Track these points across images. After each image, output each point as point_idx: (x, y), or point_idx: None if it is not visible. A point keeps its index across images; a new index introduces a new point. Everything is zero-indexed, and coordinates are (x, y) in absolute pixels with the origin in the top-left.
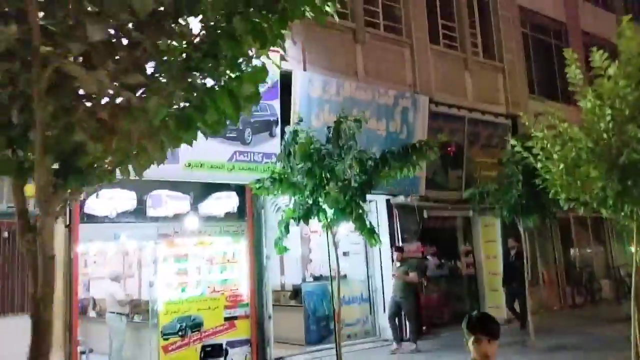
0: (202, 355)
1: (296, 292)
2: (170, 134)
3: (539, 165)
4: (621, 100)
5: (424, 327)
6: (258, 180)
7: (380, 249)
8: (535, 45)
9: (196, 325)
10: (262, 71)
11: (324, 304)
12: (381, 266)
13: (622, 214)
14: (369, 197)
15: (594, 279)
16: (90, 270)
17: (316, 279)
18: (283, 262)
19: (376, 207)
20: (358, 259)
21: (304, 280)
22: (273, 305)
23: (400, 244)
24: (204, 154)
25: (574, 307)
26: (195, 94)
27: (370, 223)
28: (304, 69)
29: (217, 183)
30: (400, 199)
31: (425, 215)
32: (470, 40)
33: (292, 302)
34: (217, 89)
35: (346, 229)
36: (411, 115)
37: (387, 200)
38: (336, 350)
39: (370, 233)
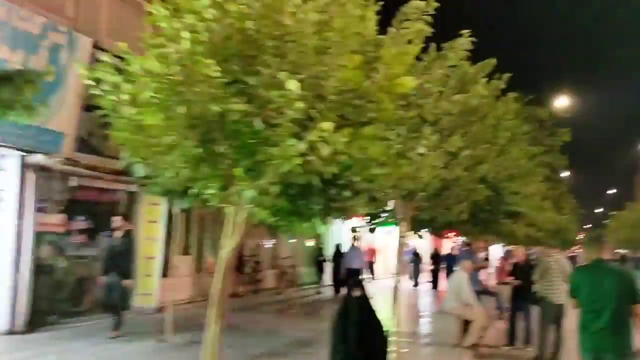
0: None
1: None
2: None
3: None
4: (206, 23)
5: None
6: None
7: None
8: None
9: None
10: None
11: None
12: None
13: (210, 192)
14: None
15: (259, 269)
16: None
17: None
18: None
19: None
20: None
21: None
22: None
23: (36, 214)
24: None
25: (236, 296)
26: None
27: None
28: None
29: None
30: (39, 157)
31: (74, 183)
32: None
33: None
34: None
35: None
36: (64, 56)
37: (22, 158)
38: None
39: None
